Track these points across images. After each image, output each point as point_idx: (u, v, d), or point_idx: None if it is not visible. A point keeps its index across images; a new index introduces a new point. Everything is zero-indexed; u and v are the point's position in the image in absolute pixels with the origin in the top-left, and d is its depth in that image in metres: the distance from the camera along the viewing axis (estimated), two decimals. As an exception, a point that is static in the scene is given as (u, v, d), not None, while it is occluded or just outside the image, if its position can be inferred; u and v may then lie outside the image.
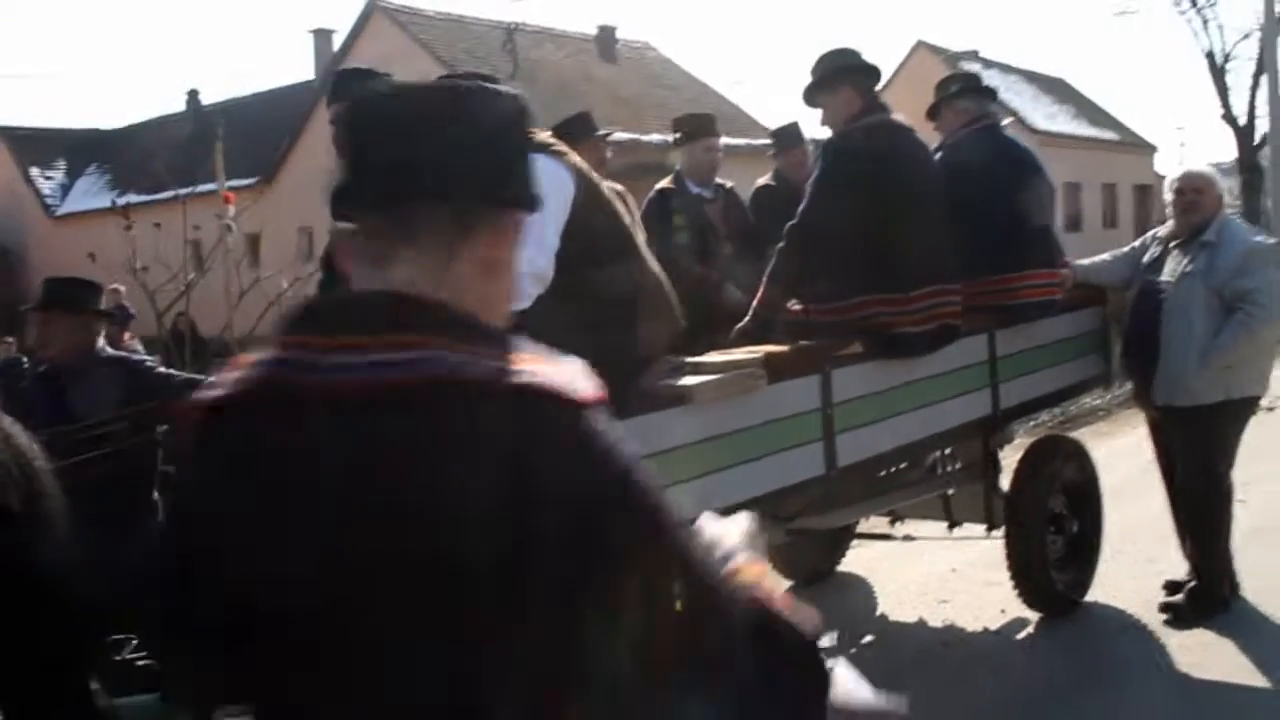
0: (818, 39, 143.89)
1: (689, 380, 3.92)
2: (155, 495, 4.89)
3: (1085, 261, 6.29)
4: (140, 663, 3.65)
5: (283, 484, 1.40)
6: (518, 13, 30.44)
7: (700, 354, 4.31)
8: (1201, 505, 5.78)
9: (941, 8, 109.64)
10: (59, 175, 35.71)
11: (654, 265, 4.10)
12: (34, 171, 35.46)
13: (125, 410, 4.49)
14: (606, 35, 31.75)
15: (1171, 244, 5.87)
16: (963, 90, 5.65)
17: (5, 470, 2.77)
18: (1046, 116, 34.46)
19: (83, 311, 4.72)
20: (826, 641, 2.17)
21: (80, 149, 36.41)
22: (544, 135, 4.12)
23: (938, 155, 5.44)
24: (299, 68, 58.31)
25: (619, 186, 5.77)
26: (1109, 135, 39.77)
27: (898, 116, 4.99)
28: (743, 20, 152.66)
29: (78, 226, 28.69)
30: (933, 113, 5.69)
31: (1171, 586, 6.06)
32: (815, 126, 5.59)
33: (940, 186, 5.01)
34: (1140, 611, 5.99)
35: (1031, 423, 10.10)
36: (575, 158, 3.92)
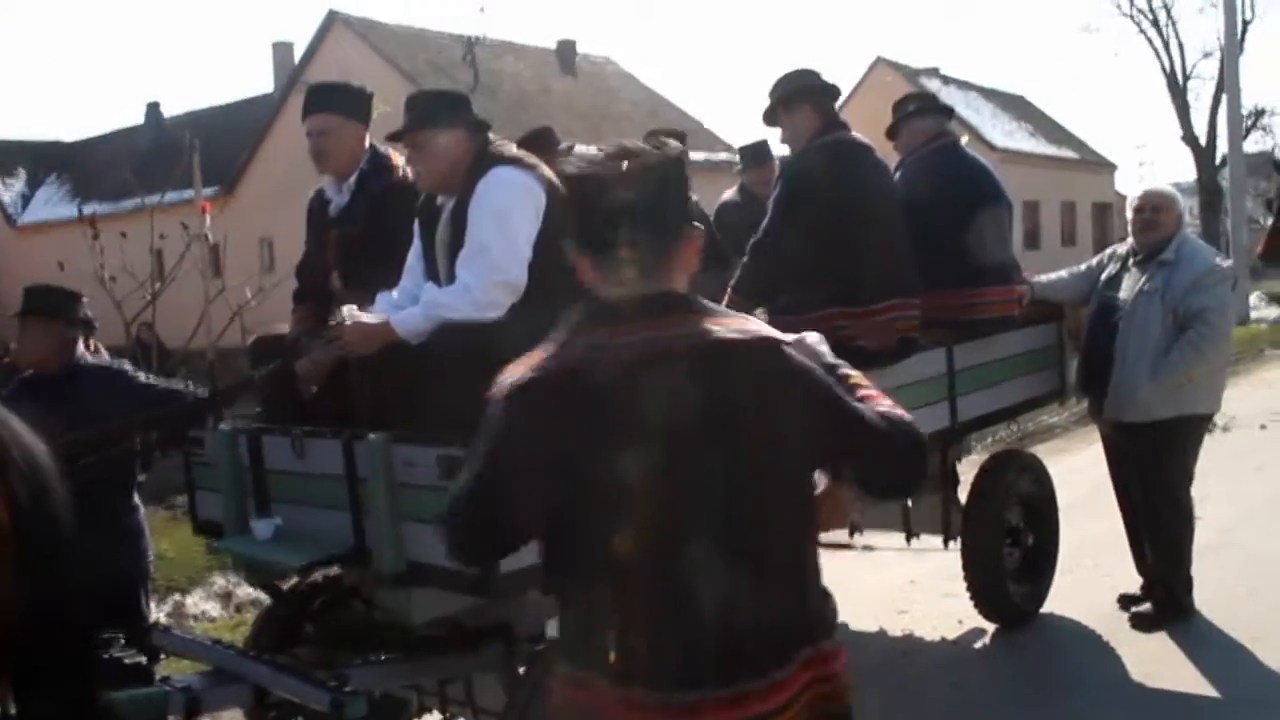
0: (779, 53, 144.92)
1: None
2: (136, 499, 4.93)
3: (1043, 278, 6.40)
4: (127, 660, 3.73)
5: (653, 415, 2.09)
6: (479, 25, 30.43)
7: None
8: (1162, 519, 5.88)
9: (902, 24, 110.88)
10: (19, 185, 35.42)
11: None
12: (-6, 181, 35.22)
13: (116, 419, 4.54)
14: (567, 48, 31.92)
15: (1130, 261, 5.98)
16: (920, 109, 5.76)
17: (15, 468, 2.83)
18: (1005, 134, 34.87)
19: (61, 319, 4.76)
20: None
21: (41, 159, 36.16)
22: (512, 148, 4.18)
23: (898, 173, 5.55)
24: (259, 80, 58.12)
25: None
26: (1068, 153, 40.27)
27: (856, 135, 5.09)
28: (704, 36, 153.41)
29: (40, 236, 28.52)
30: (892, 132, 5.80)
31: (1125, 600, 6.20)
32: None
33: (898, 203, 5.12)
34: (1095, 623, 6.11)
35: (990, 439, 10.26)
36: (546, 170, 3.99)
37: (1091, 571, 6.75)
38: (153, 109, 34.96)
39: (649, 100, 32.01)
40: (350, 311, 3.90)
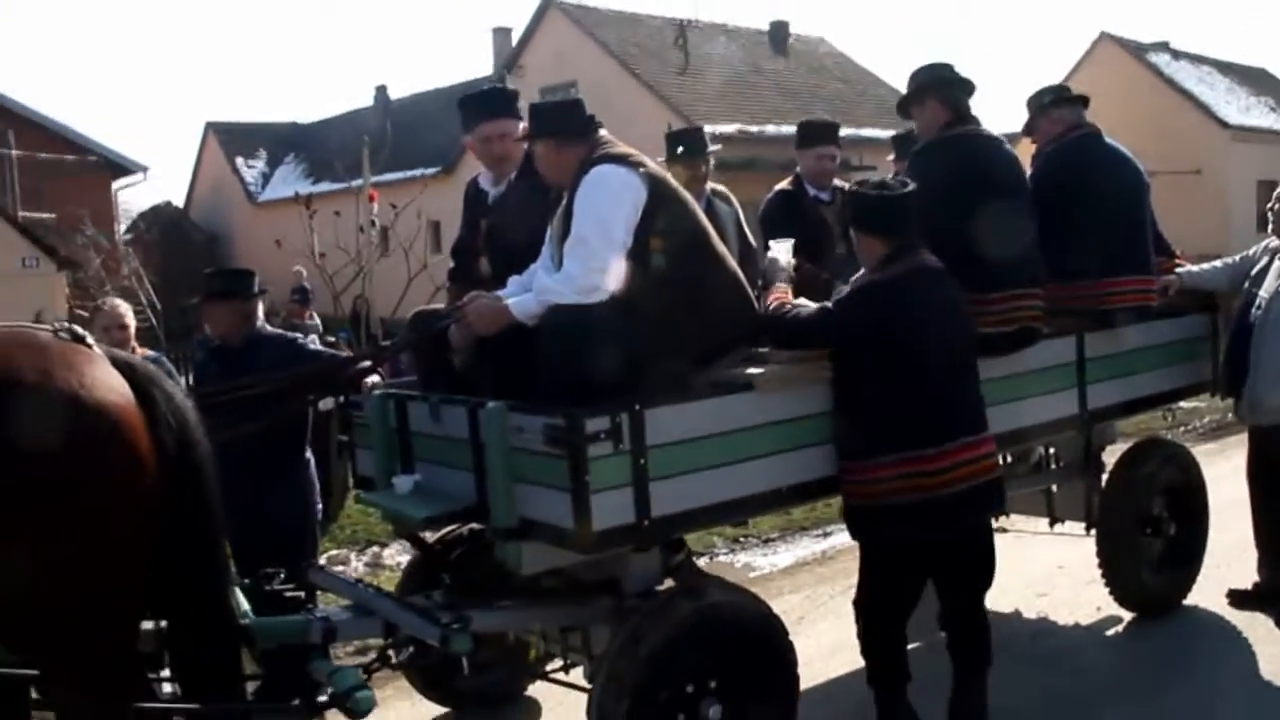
0: (997, 30, 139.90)
1: (755, 370, 4.27)
2: (308, 454, 5.50)
3: (1194, 268, 6.34)
4: (288, 593, 4.27)
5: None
6: (692, 8, 30.75)
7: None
8: None
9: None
10: (260, 165, 37.86)
11: (730, 265, 4.45)
12: (239, 162, 37.77)
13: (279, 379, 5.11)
14: (779, 29, 31.86)
15: (1278, 256, 5.87)
16: (1056, 100, 5.78)
17: (165, 423, 3.37)
18: (1241, 109, 32.91)
19: (239, 298, 5.36)
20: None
21: (279, 140, 38.58)
22: (619, 147, 4.50)
23: (1034, 164, 5.62)
24: (479, 64, 60.09)
25: (722, 188, 6.15)
26: (1314, 129, 37.74)
27: (985, 129, 5.19)
28: (920, 13, 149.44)
29: (275, 212, 30.38)
30: (1029, 128, 5.85)
31: (1234, 595, 6.16)
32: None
33: (1025, 195, 5.18)
34: (1238, 619, 6.05)
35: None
36: (651, 166, 4.31)
37: (1249, 566, 6.60)
38: (380, 92, 36.75)
39: (861, 79, 31.72)
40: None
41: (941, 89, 5.15)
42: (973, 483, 4.39)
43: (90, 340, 3.49)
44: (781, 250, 5.10)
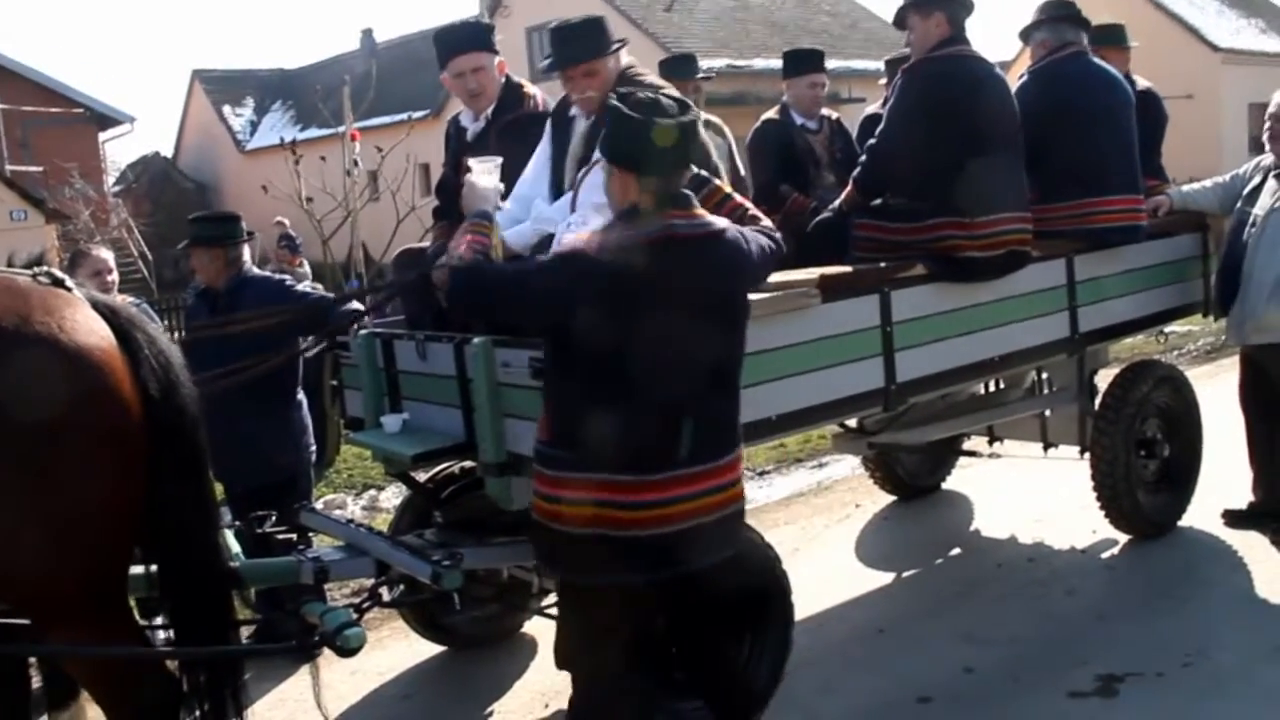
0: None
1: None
2: (299, 395, 5.48)
3: (1185, 187, 6.28)
4: (280, 536, 4.27)
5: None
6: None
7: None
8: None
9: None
10: (248, 113, 37.47)
11: (737, 199, 4.40)
12: (226, 110, 37.35)
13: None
14: (768, -39, 31.43)
15: (1272, 174, 5.80)
16: (1039, 22, 5.70)
17: (148, 365, 3.33)
18: (1231, 31, 32.55)
19: (222, 243, 5.32)
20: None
21: (266, 87, 38.17)
22: (651, 77, 4.44)
23: (1020, 84, 5.55)
24: (465, 4, 59.39)
25: (715, 119, 6.08)
26: (1305, 51, 37.35)
27: (975, 49, 5.12)
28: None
29: (264, 160, 30.09)
30: (1025, 35, 5.79)
31: (1229, 514, 6.17)
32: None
33: (1013, 119, 5.11)
34: (1234, 539, 6.06)
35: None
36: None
37: (1244, 487, 6.60)
38: (367, 35, 36.35)
39: (850, 11, 31.34)
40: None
41: (949, 3, 5.06)
42: (693, 522, 3.35)
43: (70, 284, 3.43)
44: (483, 171, 4.02)
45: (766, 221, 3.74)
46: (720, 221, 3.45)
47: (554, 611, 4.70)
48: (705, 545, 3.40)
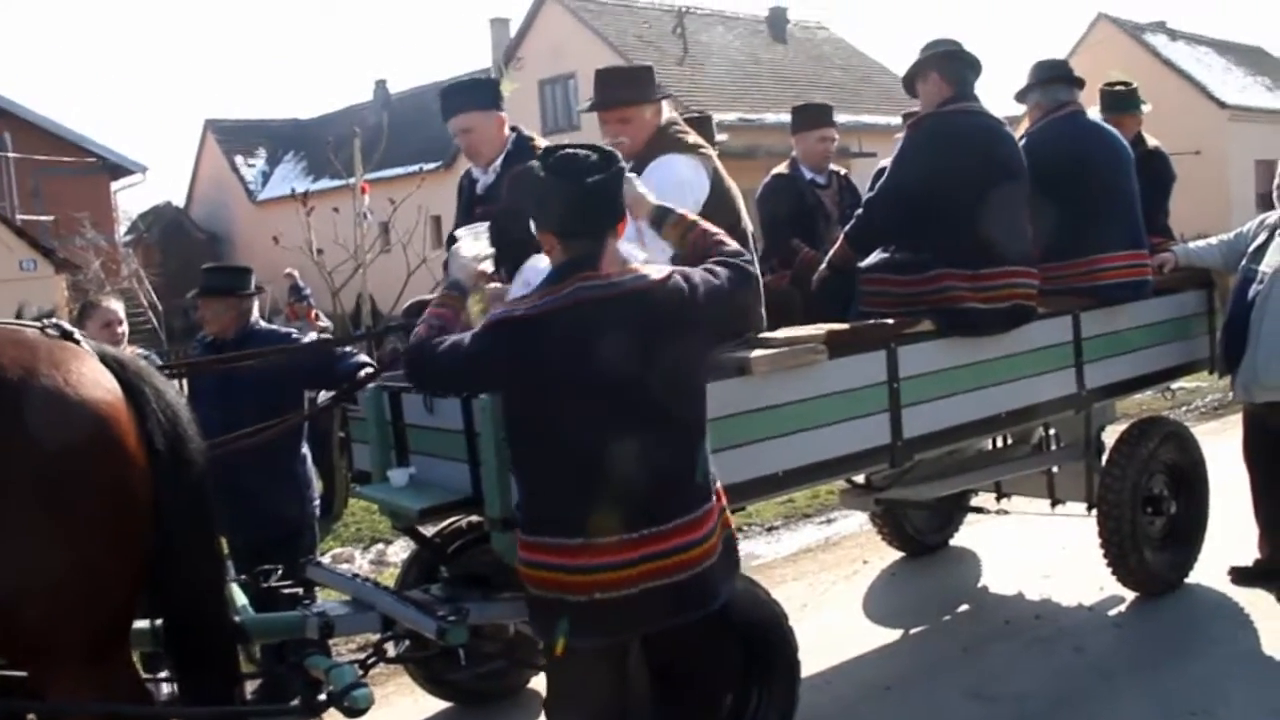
0: (998, 13, 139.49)
1: (749, 353, 4.24)
2: (304, 449, 5.49)
3: (1191, 244, 6.32)
4: (285, 590, 4.26)
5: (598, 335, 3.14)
6: (688, -4, 30.55)
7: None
8: None
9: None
10: (260, 163, 37.80)
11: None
12: (239, 160, 37.70)
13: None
14: (778, 16, 31.79)
15: (1278, 231, 5.83)
16: (1031, 85, 5.75)
17: (155, 419, 3.35)
18: (1238, 89, 32.85)
19: (234, 294, 5.36)
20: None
21: (279, 138, 38.51)
22: (691, 136, 4.49)
23: (1023, 141, 5.60)
24: (478, 56, 60.03)
25: (701, 143, 6.18)
26: (1312, 108, 37.59)
27: (981, 105, 5.17)
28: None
29: (276, 210, 30.31)
30: (1021, 96, 5.84)
31: (1235, 571, 6.10)
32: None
33: (1022, 175, 5.15)
34: (1241, 596, 6.02)
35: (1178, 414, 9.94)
36: (716, 161, 4.31)
37: (1250, 544, 6.56)
38: (380, 86, 36.69)
39: (862, 66, 31.66)
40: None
41: (944, 63, 5.13)
42: (650, 584, 3.20)
43: (79, 336, 3.46)
44: (469, 239, 3.99)
45: (734, 245, 3.57)
46: (655, 273, 3.28)
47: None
48: (666, 607, 3.24)
